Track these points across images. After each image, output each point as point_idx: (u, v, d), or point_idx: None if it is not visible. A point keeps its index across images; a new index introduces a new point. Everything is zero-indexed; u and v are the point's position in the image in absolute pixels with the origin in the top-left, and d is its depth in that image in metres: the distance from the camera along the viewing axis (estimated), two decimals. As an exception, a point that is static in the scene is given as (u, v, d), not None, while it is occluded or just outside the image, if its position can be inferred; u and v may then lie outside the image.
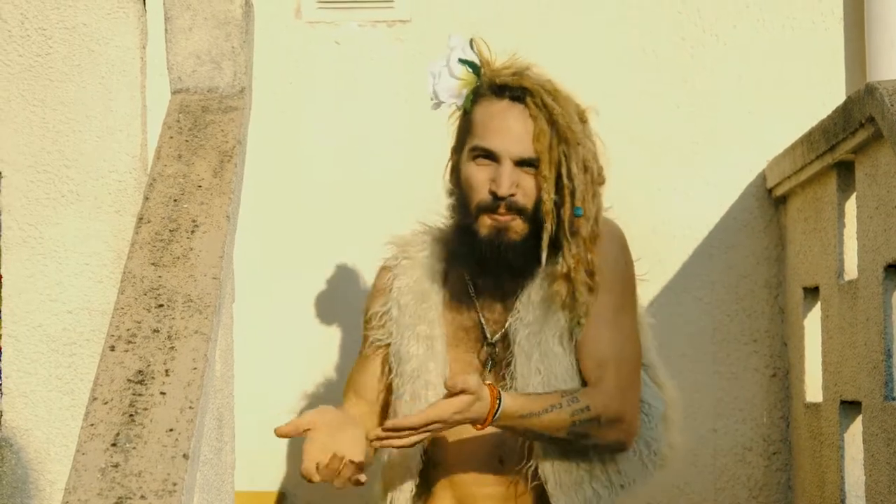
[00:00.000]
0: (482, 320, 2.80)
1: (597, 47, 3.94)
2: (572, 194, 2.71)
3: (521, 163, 2.71)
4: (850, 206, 3.31)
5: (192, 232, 2.52)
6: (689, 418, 3.86)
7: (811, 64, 3.93)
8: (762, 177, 3.89)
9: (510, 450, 2.77)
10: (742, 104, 3.93)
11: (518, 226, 2.70)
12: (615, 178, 3.89)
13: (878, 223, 3.02)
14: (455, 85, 2.78)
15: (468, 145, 2.76)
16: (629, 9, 3.95)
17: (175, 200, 2.60)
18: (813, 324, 3.63)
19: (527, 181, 2.71)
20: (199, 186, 2.64)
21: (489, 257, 2.72)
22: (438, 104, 2.82)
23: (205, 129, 2.80)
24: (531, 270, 2.76)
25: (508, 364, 2.77)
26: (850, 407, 3.28)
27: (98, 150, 3.06)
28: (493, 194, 2.69)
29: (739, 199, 3.90)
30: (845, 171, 3.31)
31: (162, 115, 2.87)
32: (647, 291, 3.86)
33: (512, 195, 2.69)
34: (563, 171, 2.71)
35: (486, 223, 2.71)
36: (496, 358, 2.79)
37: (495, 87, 2.76)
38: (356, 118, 3.93)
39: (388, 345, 2.82)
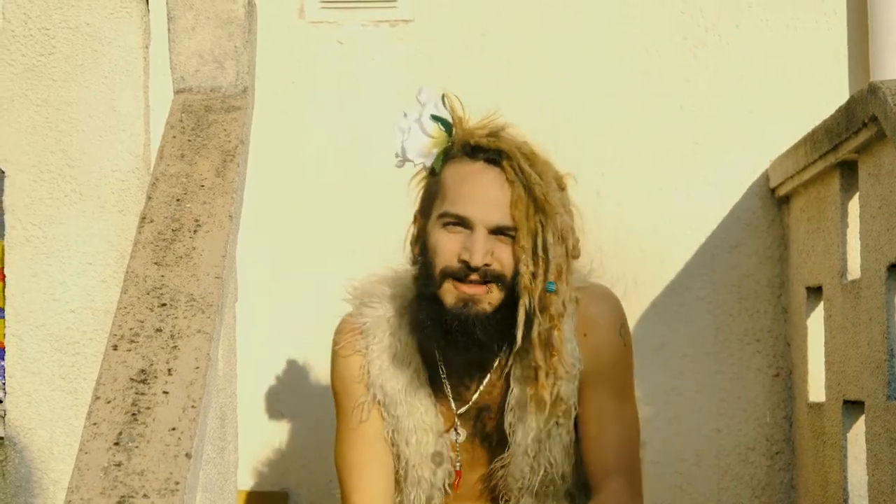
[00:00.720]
0: (448, 392, 2.73)
1: (599, 47, 3.94)
2: (546, 268, 2.57)
3: (495, 231, 2.57)
4: (853, 205, 3.31)
5: (195, 231, 2.52)
6: (692, 418, 3.87)
7: (814, 64, 3.93)
8: (765, 176, 3.89)
9: (488, 491, 2.77)
10: (744, 104, 3.93)
11: (493, 296, 2.57)
12: (617, 178, 3.91)
13: (881, 223, 3.02)
14: (426, 143, 2.64)
15: (437, 210, 2.61)
16: (631, 8, 3.95)
17: (178, 200, 2.60)
18: (816, 323, 3.63)
19: (501, 250, 2.57)
20: (202, 186, 2.64)
21: (456, 330, 2.58)
22: (403, 162, 2.69)
23: (207, 128, 2.80)
24: (499, 343, 2.65)
25: (482, 438, 2.75)
26: (853, 407, 3.28)
27: (101, 149, 3.06)
28: (465, 263, 2.55)
29: (742, 198, 3.90)
30: (848, 171, 3.31)
31: (165, 115, 2.87)
32: (649, 292, 3.88)
33: (487, 265, 2.55)
34: (539, 241, 2.56)
35: (451, 291, 2.57)
36: (462, 432, 2.75)
37: (469, 148, 2.61)
38: (359, 118, 3.94)
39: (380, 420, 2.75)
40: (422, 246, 2.66)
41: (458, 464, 2.75)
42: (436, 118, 2.65)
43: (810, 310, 3.66)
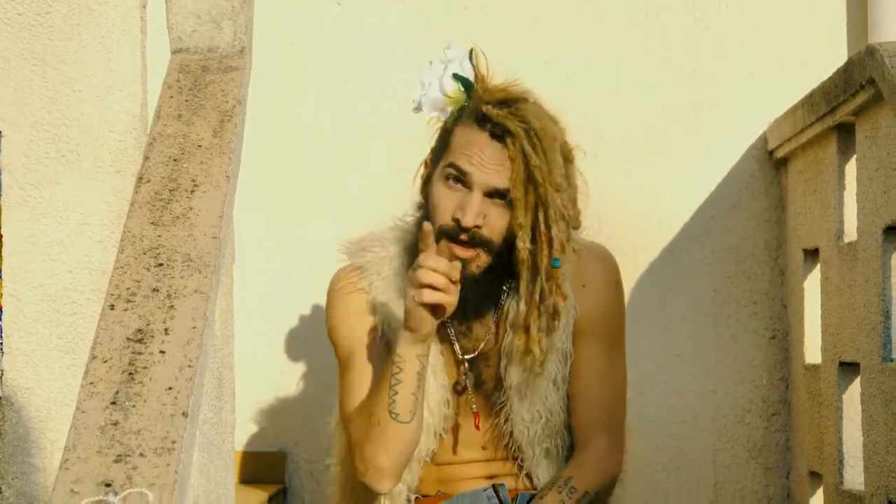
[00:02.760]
0: (452, 336, 2.75)
1: (599, 8, 3.93)
2: (550, 245, 2.62)
3: (492, 194, 2.62)
4: (851, 167, 3.31)
5: (192, 192, 2.52)
6: (689, 380, 3.88)
7: (814, 25, 3.92)
8: (763, 139, 3.89)
9: (493, 443, 2.77)
10: (744, 66, 3.92)
11: (481, 260, 2.63)
12: (616, 141, 3.90)
13: (877, 185, 3.02)
14: (442, 101, 2.69)
15: (443, 161, 2.67)
16: (631, -30, 3.94)
17: (175, 160, 2.60)
18: (812, 286, 3.63)
19: (494, 213, 2.62)
20: (199, 146, 2.64)
21: None
22: (419, 111, 2.74)
23: (205, 88, 2.80)
24: (488, 302, 2.71)
25: (480, 385, 2.76)
26: (849, 368, 3.29)
27: (98, 109, 3.06)
28: (457, 222, 2.61)
29: (740, 161, 3.90)
30: (846, 133, 3.31)
31: (162, 75, 2.86)
32: (647, 253, 3.89)
33: (477, 227, 2.61)
34: (541, 218, 2.61)
35: (445, 251, 2.61)
36: (468, 380, 2.76)
37: (480, 115, 2.65)
38: (356, 79, 3.93)
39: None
40: (426, 195, 2.71)
41: (461, 412, 2.76)
42: (457, 77, 2.69)
43: (807, 272, 3.67)
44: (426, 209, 2.70)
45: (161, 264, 2.35)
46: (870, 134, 3.09)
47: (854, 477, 3.26)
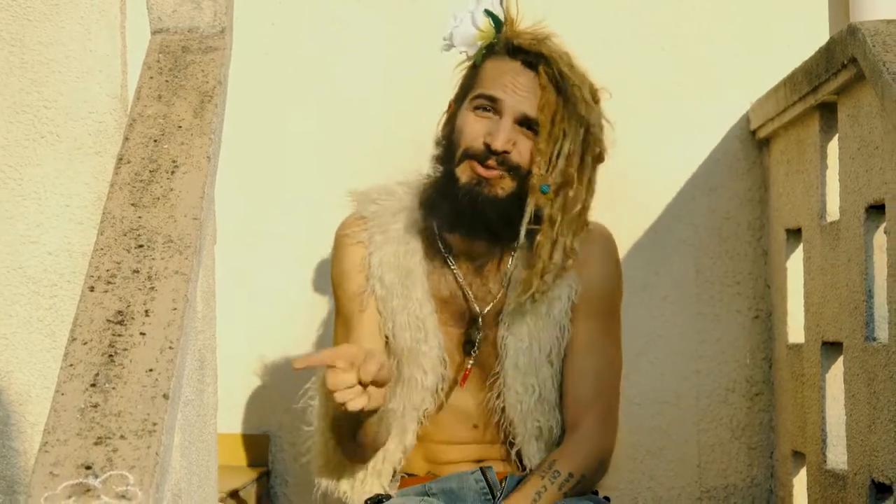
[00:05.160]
0: (466, 294, 2.75)
1: (581, -12, 3.93)
2: (552, 173, 2.64)
3: (522, 123, 2.65)
4: (833, 147, 3.31)
5: (173, 173, 2.51)
6: (672, 360, 3.88)
7: (796, 5, 3.92)
8: (746, 119, 3.89)
9: (485, 419, 2.76)
10: (727, 46, 3.92)
11: (506, 183, 2.64)
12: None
13: (859, 164, 3.02)
14: (473, 35, 2.75)
15: (471, 94, 2.70)
16: (614, -51, 3.93)
17: (155, 141, 2.59)
18: (795, 265, 3.64)
19: (523, 142, 2.65)
20: (180, 127, 2.62)
21: (466, 209, 2.64)
22: (449, 47, 2.79)
23: (185, 69, 2.79)
24: (508, 238, 2.70)
25: (489, 344, 2.76)
26: (832, 348, 3.29)
27: (78, 90, 3.04)
28: (487, 147, 2.64)
29: (723, 140, 3.90)
30: (828, 113, 3.31)
31: (142, 56, 2.85)
32: (630, 234, 3.88)
33: (507, 152, 2.63)
34: (557, 148, 2.64)
35: (467, 171, 2.64)
36: (481, 338, 2.76)
37: (511, 47, 2.71)
38: (339, 58, 3.91)
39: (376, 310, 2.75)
40: (450, 129, 2.73)
41: (446, 373, 2.75)
42: (489, 13, 2.75)
43: (790, 252, 3.67)
44: (447, 143, 2.71)
45: (141, 245, 2.34)
46: (852, 113, 3.09)
47: (837, 456, 3.27)
